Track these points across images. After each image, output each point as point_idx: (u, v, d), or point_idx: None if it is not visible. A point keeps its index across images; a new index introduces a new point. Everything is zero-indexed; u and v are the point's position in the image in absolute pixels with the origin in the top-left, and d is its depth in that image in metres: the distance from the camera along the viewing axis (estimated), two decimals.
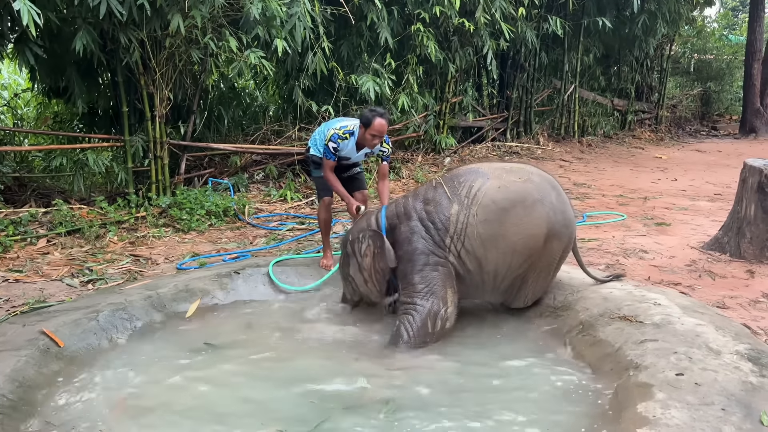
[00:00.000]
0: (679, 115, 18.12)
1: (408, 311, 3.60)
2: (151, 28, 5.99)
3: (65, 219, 5.74)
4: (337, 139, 4.34)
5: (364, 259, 3.84)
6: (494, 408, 2.92)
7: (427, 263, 3.60)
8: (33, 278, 4.65)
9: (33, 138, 8.16)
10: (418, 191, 3.87)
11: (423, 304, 3.56)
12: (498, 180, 3.62)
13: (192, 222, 6.11)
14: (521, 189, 3.59)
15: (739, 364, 2.87)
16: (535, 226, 3.56)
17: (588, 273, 3.93)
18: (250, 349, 3.57)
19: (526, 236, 3.56)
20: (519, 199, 3.56)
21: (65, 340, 3.38)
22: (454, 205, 3.61)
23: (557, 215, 3.62)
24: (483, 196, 3.57)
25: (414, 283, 3.61)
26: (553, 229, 3.61)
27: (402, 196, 4.02)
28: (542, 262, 3.69)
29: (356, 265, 3.89)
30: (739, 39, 20.84)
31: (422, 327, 3.54)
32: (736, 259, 4.89)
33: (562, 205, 3.69)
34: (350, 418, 2.83)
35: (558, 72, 13.29)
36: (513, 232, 3.55)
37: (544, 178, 3.74)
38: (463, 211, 3.58)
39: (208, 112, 8.14)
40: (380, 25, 8.11)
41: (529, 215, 3.55)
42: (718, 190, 8.39)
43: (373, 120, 4.20)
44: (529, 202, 3.56)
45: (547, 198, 3.61)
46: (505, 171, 3.71)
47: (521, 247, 3.58)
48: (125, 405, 2.94)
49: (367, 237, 3.83)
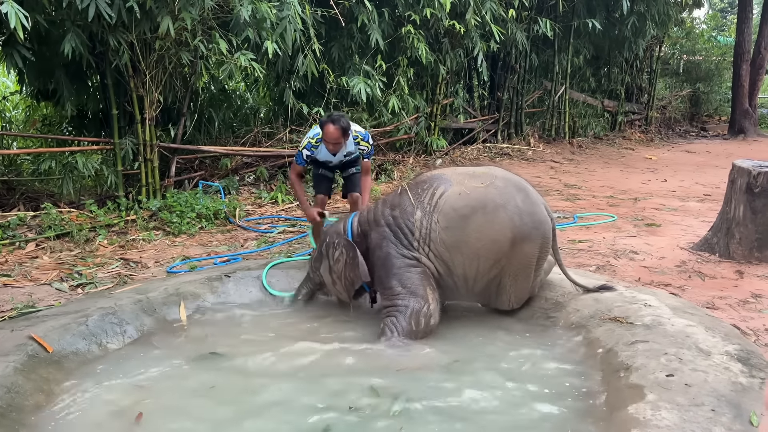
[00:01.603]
0: (669, 116, 18.23)
1: (391, 313, 3.65)
2: (140, 30, 5.96)
3: (54, 223, 5.69)
4: (311, 147, 4.56)
5: (336, 264, 3.94)
6: (485, 408, 2.92)
7: (401, 266, 3.66)
8: (22, 282, 4.61)
9: (21, 141, 8.09)
10: (387, 197, 3.96)
11: (405, 304, 3.61)
12: (459, 186, 3.65)
13: (182, 225, 6.08)
14: (481, 195, 3.60)
15: (729, 364, 2.88)
16: (497, 231, 3.56)
17: (570, 278, 3.88)
18: (242, 353, 3.55)
19: (489, 242, 3.57)
20: (479, 205, 3.57)
21: (54, 345, 3.35)
22: (417, 211, 3.67)
23: (523, 218, 3.59)
24: (444, 203, 3.62)
25: (392, 286, 3.67)
26: (521, 232, 3.58)
27: (374, 202, 4.10)
28: (515, 266, 3.67)
29: (327, 267, 4.00)
30: (727, 40, 20.98)
31: (407, 326, 3.57)
32: (726, 260, 4.91)
33: (531, 207, 3.66)
34: (359, 419, 2.82)
35: (548, 73, 13.35)
36: (475, 238, 3.57)
37: (510, 181, 3.72)
38: (426, 217, 3.63)
39: (199, 114, 8.11)
40: (371, 27, 8.11)
41: (491, 221, 3.55)
42: (708, 190, 8.44)
43: (324, 126, 4.39)
44: (489, 208, 3.56)
45: (511, 202, 3.60)
46: (468, 176, 3.72)
47: (485, 252, 3.59)
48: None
49: (340, 245, 3.91)
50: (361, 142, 4.60)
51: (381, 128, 9.09)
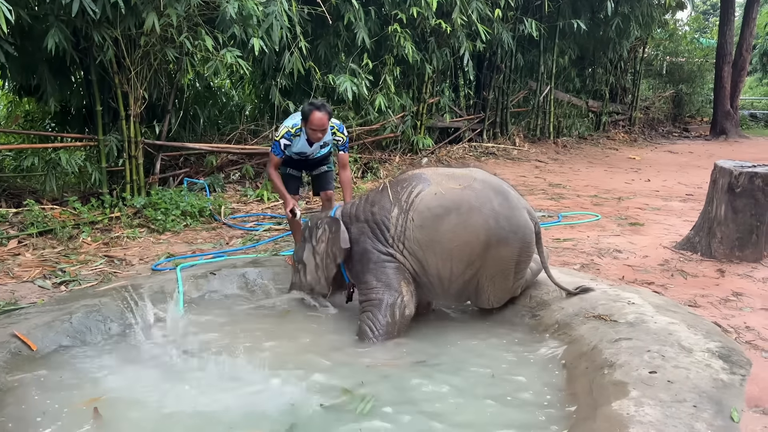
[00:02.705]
0: (652, 117, 18.41)
1: (366, 309, 3.71)
2: (125, 26, 5.91)
3: (37, 219, 5.63)
4: (290, 136, 4.42)
5: (318, 244, 3.99)
6: (466, 406, 2.94)
7: (377, 261, 3.71)
8: (4, 280, 4.56)
9: (3, 137, 8.00)
10: (369, 194, 4.00)
11: (379, 298, 3.65)
12: (437, 186, 3.68)
13: (167, 222, 6.05)
14: (457, 196, 3.61)
15: (711, 361, 2.92)
16: (471, 233, 3.56)
17: (554, 281, 3.87)
18: (224, 349, 3.54)
19: (461, 243, 3.58)
20: (453, 206, 3.58)
21: (38, 343, 3.33)
22: (394, 208, 3.71)
23: (500, 221, 3.59)
24: (419, 202, 3.65)
25: (367, 281, 3.73)
26: (496, 235, 3.57)
27: (357, 198, 4.13)
28: (491, 269, 3.67)
29: (311, 249, 4.04)
30: (709, 42, 21.25)
31: (383, 319, 3.63)
32: (707, 259, 4.98)
33: (508, 211, 3.64)
34: (328, 416, 2.83)
35: (534, 73, 13.43)
36: (448, 239, 3.59)
37: (488, 184, 3.72)
38: (402, 215, 3.68)
39: (184, 111, 8.05)
40: (357, 26, 8.11)
41: (464, 223, 3.56)
42: (690, 190, 8.54)
43: (310, 114, 4.24)
44: (464, 210, 3.57)
45: (487, 205, 3.60)
46: (446, 177, 3.74)
47: (458, 253, 3.60)
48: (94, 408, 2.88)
49: (323, 223, 3.99)
50: (336, 132, 4.52)
51: (367, 126, 9.10)
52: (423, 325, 3.88)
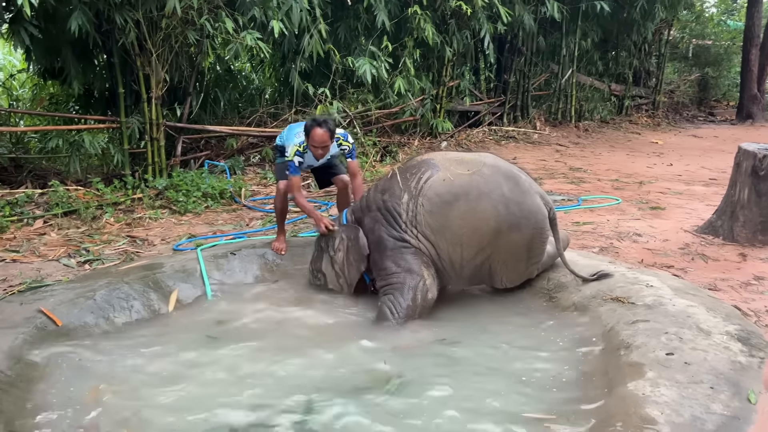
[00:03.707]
0: (677, 101, 18.09)
1: (387, 292, 3.70)
2: (146, 8, 5.96)
3: (62, 200, 5.74)
4: (301, 154, 4.28)
5: (336, 254, 3.98)
6: (481, 386, 2.97)
7: (393, 247, 3.71)
8: (30, 258, 4.67)
9: (29, 119, 8.13)
10: (378, 183, 4.01)
11: (400, 281, 3.65)
12: (445, 172, 3.67)
13: (188, 204, 6.12)
14: (465, 182, 3.60)
15: (729, 344, 2.91)
16: (480, 219, 3.56)
17: (569, 268, 3.83)
18: (246, 331, 3.60)
19: (470, 229, 3.58)
20: (462, 192, 3.58)
21: (62, 319, 3.41)
22: (404, 194, 3.72)
23: (510, 207, 3.57)
24: (428, 188, 3.65)
25: (386, 267, 3.73)
26: (507, 221, 3.57)
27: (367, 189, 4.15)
28: (503, 254, 3.67)
29: (328, 260, 4.03)
30: (737, 24, 20.75)
31: (404, 302, 3.62)
32: (729, 243, 4.92)
33: (519, 196, 3.62)
34: (352, 397, 2.87)
35: (555, 56, 13.24)
36: (457, 224, 3.59)
37: (498, 169, 3.69)
38: (412, 200, 3.68)
39: (205, 94, 8.11)
40: (377, 8, 8.07)
41: (473, 209, 3.56)
42: (714, 174, 8.41)
43: (312, 131, 4.13)
44: (473, 196, 3.56)
45: (497, 191, 3.58)
46: (455, 163, 3.73)
47: (467, 239, 3.61)
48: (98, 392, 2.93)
49: (339, 233, 3.99)
50: (342, 142, 4.38)
51: (386, 110, 9.08)
52: (438, 307, 3.88)
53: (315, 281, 4.15)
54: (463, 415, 2.71)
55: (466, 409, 2.76)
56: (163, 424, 2.66)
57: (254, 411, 2.76)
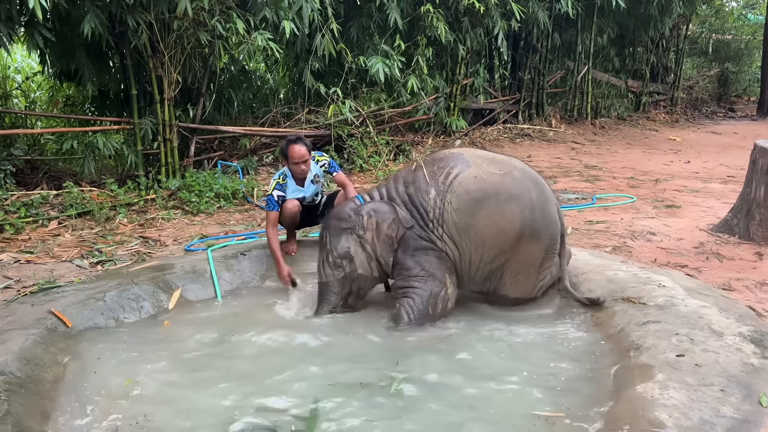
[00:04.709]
0: (696, 97, 17.88)
1: (408, 294, 3.57)
2: (158, 10, 6.00)
3: (76, 201, 5.80)
4: (281, 187, 4.26)
5: (366, 233, 3.64)
6: (491, 385, 2.95)
7: (417, 247, 3.58)
8: (44, 259, 4.71)
9: (45, 121, 8.23)
10: (398, 175, 3.84)
11: (422, 287, 3.54)
12: (477, 169, 3.56)
13: (201, 204, 6.15)
14: (497, 182, 3.52)
15: (741, 345, 2.86)
16: (508, 221, 3.49)
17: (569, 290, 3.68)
18: (255, 330, 3.59)
19: (496, 231, 3.50)
20: (493, 192, 3.50)
21: (73, 320, 3.43)
22: (431, 189, 3.58)
23: (535, 214, 3.53)
24: (458, 184, 3.53)
25: (409, 267, 3.59)
26: (530, 228, 3.52)
27: (385, 180, 3.95)
28: (519, 262, 3.59)
29: (356, 241, 3.66)
30: (758, 18, 20.43)
31: (423, 309, 3.53)
32: (745, 242, 4.84)
33: (544, 204, 3.59)
34: (361, 395, 2.87)
35: (571, 53, 13.12)
36: (484, 224, 3.50)
37: (527, 173, 3.66)
38: (439, 196, 3.55)
39: (218, 94, 8.16)
40: (390, 6, 8.06)
41: (502, 210, 3.48)
42: (732, 172, 8.29)
43: (288, 149, 4.15)
44: (503, 197, 3.49)
45: (525, 195, 3.53)
46: (487, 161, 3.64)
47: (491, 240, 3.52)
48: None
49: (366, 209, 3.66)
50: (319, 159, 4.38)
51: (400, 108, 9.06)
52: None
53: (336, 273, 3.70)
54: (469, 414, 2.70)
55: (472, 408, 2.75)
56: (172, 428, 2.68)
57: (260, 411, 2.76)
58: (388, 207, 3.64)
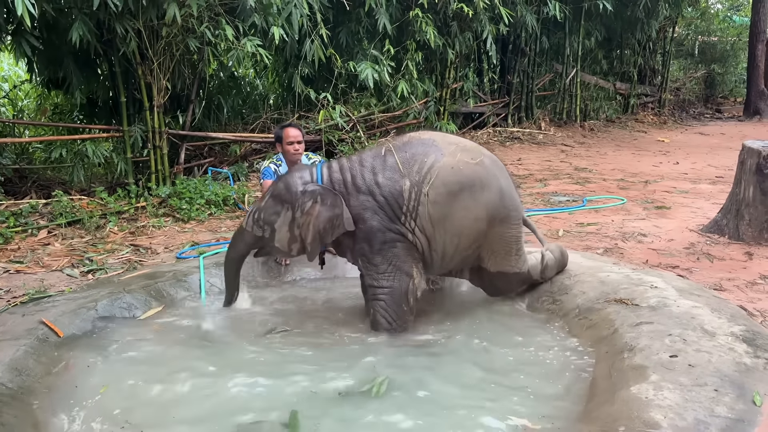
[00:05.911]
0: (683, 98, 18.03)
1: (378, 296, 3.51)
2: (147, 17, 5.98)
3: (65, 210, 5.76)
4: (276, 166, 4.57)
5: (304, 216, 3.46)
6: (486, 392, 2.94)
7: (385, 241, 3.44)
8: (34, 269, 4.68)
9: (33, 129, 8.18)
10: (363, 158, 3.55)
11: (391, 285, 3.47)
12: (452, 158, 3.45)
13: (192, 211, 6.13)
14: (472, 172, 3.46)
15: (734, 345, 2.87)
16: (482, 210, 3.49)
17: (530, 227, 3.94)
18: (239, 336, 3.58)
19: (472, 220, 3.48)
20: (468, 183, 3.44)
21: (64, 330, 3.40)
22: (405, 180, 3.39)
23: (504, 200, 3.56)
24: (435, 176, 3.39)
25: (376, 264, 3.47)
26: (500, 213, 3.54)
27: (344, 158, 3.70)
28: (493, 243, 3.62)
29: (289, 218, 3.50)
30: (743, 20, 20.66)
31: (398, 309, 3.50)
32: (735, 242, 4.87)
33: (510, 189, 3.64)
34: (345, 402, 2.85)
35: (559, 56, 13.22)
36: (461, 215, 3.45)
37: (493, 160, 3.67)
38: (414, 188, 3.39)
39: (208, 101, 8.14)
40: (378, 11, 8.08)
41: (477, 200, 3.46)
42: (720, 172, 8.35)
43: (283, 132, 4.42)
44: (477, 186, 3.46)
45: (495, 183, 3.53)
46: (459, 149, 3.53)
47: (468, 230, 3.50)
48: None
49: (316, 193, 3.44)
50: (312, 157, 4.62)
51: (390, 113, 9.07)
52: (435, 310, 3.87)
53: (255, 230, 3.58)
54: (458, 419, 2.69)
55: (460, 412, 2.74)
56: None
57: (244, 414, 2.76)
58: (338, 201, 3.41)
